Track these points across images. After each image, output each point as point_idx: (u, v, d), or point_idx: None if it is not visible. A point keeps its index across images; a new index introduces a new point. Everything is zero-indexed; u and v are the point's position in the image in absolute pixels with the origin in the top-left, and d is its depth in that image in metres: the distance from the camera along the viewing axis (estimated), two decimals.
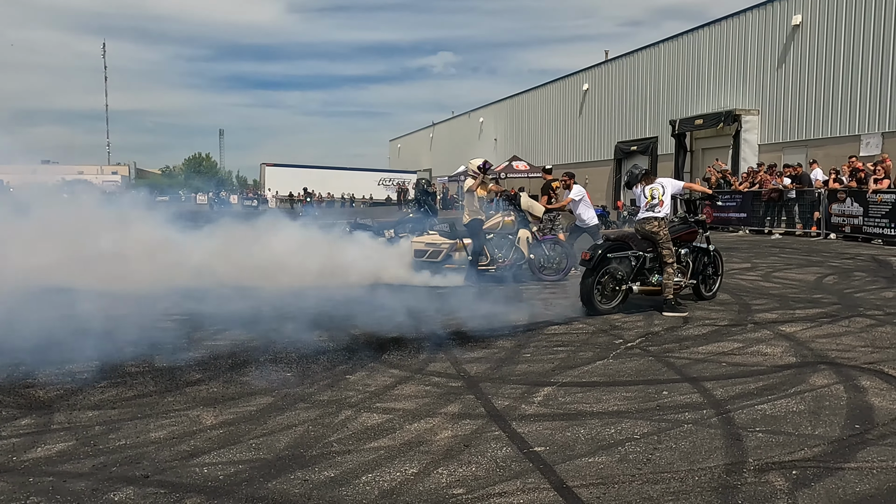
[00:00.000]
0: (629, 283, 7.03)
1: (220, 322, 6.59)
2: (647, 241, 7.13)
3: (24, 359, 5.18)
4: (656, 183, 7.26)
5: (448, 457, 3.37)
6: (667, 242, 7.05)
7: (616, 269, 7.00)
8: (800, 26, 20.79)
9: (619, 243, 7.17)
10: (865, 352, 5.30)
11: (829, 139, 19.77)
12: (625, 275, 7.03)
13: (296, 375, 4.84)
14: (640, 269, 7.10)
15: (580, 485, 3.03)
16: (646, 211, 7.19)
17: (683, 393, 4.34)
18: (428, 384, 4.62)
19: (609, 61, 32.27)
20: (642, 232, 7.15)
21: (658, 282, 7.10)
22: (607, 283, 6.99)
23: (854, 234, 15.00)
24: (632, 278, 7.05)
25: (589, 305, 6.92)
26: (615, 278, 7.02)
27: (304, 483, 3.09)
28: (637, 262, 7.07)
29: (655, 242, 7.07)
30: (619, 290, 7.04)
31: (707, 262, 7.67)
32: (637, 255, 7.07)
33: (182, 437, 3.68)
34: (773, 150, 21.63)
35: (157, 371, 4.96)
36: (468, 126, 48.58)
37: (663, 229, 7.06)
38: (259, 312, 6.89)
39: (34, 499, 2.95)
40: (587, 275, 6.92)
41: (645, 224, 7.13)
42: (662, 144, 26.90)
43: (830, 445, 3.45)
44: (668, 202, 7.17)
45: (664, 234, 7.05)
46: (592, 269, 6.87)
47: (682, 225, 7.50)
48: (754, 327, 6.27)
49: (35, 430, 3.80)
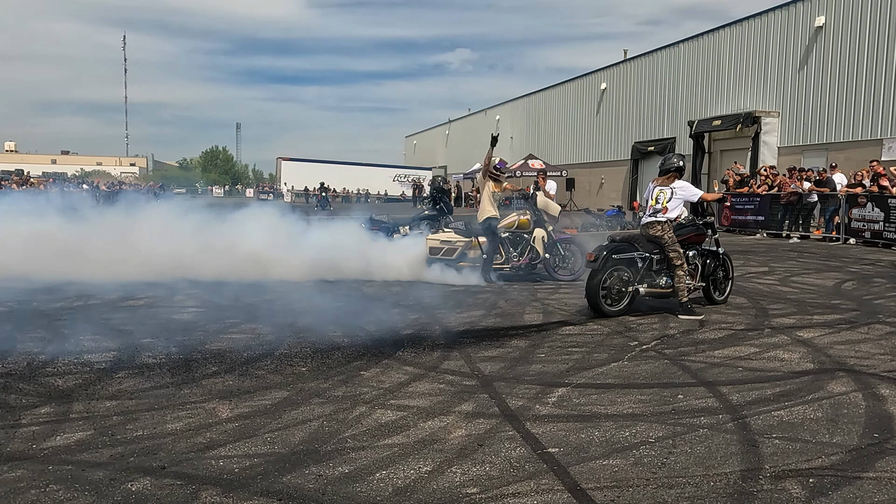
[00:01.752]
0: (636, 285, 6.92)
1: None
2: (653, 243, 7.02)
3: (44, 348, 5.26)
4: (670, 187, 7.04)
5: (462, 456, 3.37)
6: (673, 245, 6.92)
7: (622, 270, 6.90)
8: (823, 28, 20.54)
9: (625, 244, 7.03)
10: (885, 359, 5.23)
11: (850, 143, 19.53)
12: (631, 276, 6.92)
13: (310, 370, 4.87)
14: (646, 270, 6.99)
15: (594, 487, 3.02)
16: (649, 215, 7.08)
17: (699, 397, 4.31)
18: (442, 382, 4.62)
19: (628, 60, 32.08)
20: (647, 235, 7.05)
21: (666, 284, 6.99)
22: (613, 285, 6.87)
23: (874, 240, 14.81)
24: (638, 280, 6.95)
25: (595, 307, 6.80)
26: (621, 280, 6.89)
27: (318, 478, 3.11)
28: (643, 264, 6.94)
29: (661, 245, 6.96)
30: (626, 291, 6.91)
31: (716, 265, 7.50)
32: (643, 257, 6.94)
33: (198, 429, 3.71)
34: (792, 152, 21.40)
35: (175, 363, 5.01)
36: (484, 123, 48.52)
37: (667, 232, 6.94)
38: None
39: (53, 487, 2.99)
40: (592, 276, 6.81)
41: (649, 228, 7.03)
42: (680, 145, 26.71)
43: (848, 454, 3.41)
44: (673, 209, 7.00)
45: (669, 237, 6.93)
46: (598, 271, 6.77)
47: (690, 227, 7.31)
48: (771, 332, 6.21)
49: (54, 419, 3.86)
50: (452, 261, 9.45)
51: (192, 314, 6.97)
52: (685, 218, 7.43)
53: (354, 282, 9.16)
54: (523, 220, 9.58)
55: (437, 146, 59.28)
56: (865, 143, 18.93)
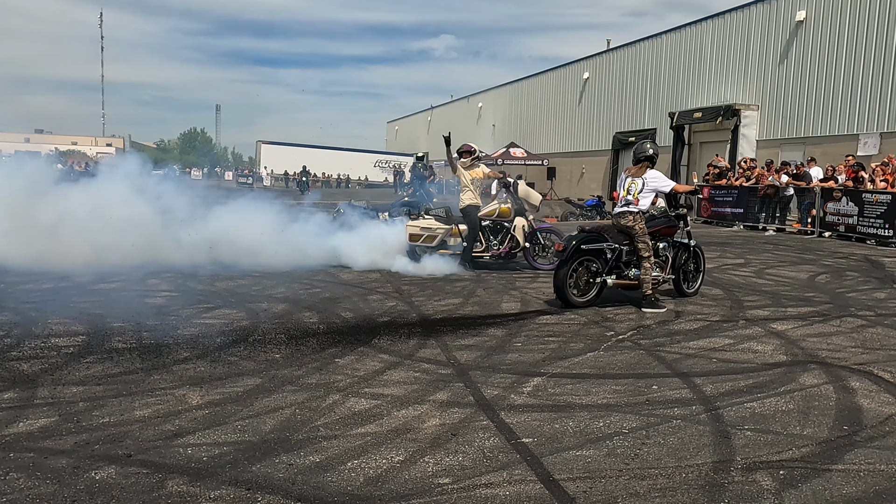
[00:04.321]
0: (604, 276, 6.90)
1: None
2: (623, 234, 6.97)
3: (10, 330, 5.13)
4: (642, 178, 6.95)
5: (435, 445, 3.34)
6: (643, 236, 6.87)
7: (591, 261, 6.86)
8: (803, 22, 20.68)
9: (595, 235, 6.99)
10: (856, 352, 5.30)
11: (828, 137, 19.74)
12: (600, 267, 6.89)
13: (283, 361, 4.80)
14: (615, 261, 6.94)
15: (567, 478, 3.01)
16: (621, 206, 7.04)
17: (673, 388, 4.33)
18: (418, 370, 4.58)
19: (611, 50, 32.07)
20: (618, 226, 7.01)
21: (634, 276, 6.94)
22: (581, 275, 6.84)
23: (848, 234, 15.02)
24: (607, 271, 6.91)
25: (562, 297, 6.77)
26: (589, 270, 6.87)
27: (288, 467, 3.06)
28: (612, 255, 6.90)
29: (631, 236, 6.93)
30: (594, 282, 6.88)
31: (687, 257, 7.48)
32: (612, 248, 6.89)
33: (167, 416, 3.64)
34: (771, 146, 21.60)
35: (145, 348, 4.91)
36: (467, 111, 48.33)
37: (639, 223, 6.88)
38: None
39: (14, 475, 2.91)
40: (560, 266, 6.81)
41: (620, 218, 6.97)
42: (661, 136, 26.81)
43: (818, 446, 3.44)
44: (644, 200, 6.94)
45: (640, 228, 6.88)
46: (566, 261, 6.75)
47: (662, 218, 7.29)
48: (746, 324, 6.27)
49: (17, 405, 3.76)
50: (432, 248, 9.40)
51: (165, 298, 6.85)
52: (657, 209, 7.41)
53: (332, 269, 9.08)
54: (504, 208, 9.55)
55: (419, 132, 58.97)
56: (842, 138, 19.15)
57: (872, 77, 18.38)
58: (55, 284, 7.49)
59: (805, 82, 20.65)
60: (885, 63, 17.99)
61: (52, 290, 7.21)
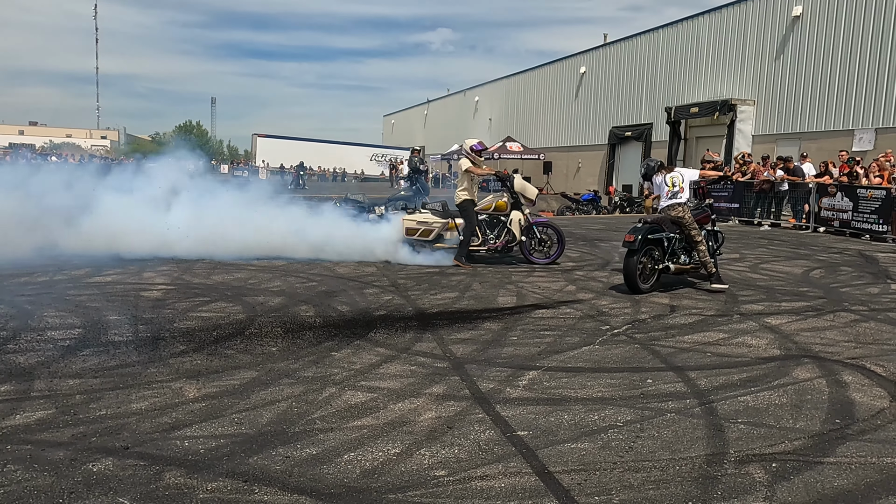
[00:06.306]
0: (665, 263, 7.53)
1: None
2: (675, 224, 7.64)
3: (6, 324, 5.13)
4: (675, 172, 7.81)
5: (431, 438, 3.36)
6: (693, 224, 7.61)
7: (653, 250, 7.49)
8: (800, 18, 20.69)
9: (656, 226, 7.58)
10: (849, 347, 5.34)
11: (823, 132, 19.79)
12: (660, 255, 7.54)
13: None
14: (671, 249, 7.62)
15: (562, 471, 3.04)
16: (668, 199, 7.73)
17: (668, 382, 4.36)
18: (414, 364, 4.60)
19: (607, 45, 32.02)
20: (669, 217, 7.65)
21: (684, 261, 7.70)
22: (646, 264, 7.42)
23: (842, 229, 15.07)
24: (667, 258, 7.57)
25: (632, 285, 7.30)
26: (653, 258, 7.49)
27: (285, 460, 3.07)
28: (669, 244, 7.60)
29: (682, 226, 7.62)
30: (656, 269, 7.50)
31: (715, 243, 8.25)
32: (669, 237, 7.58)
33: (164, 408, 3.65)
34: (766, 141, 21.63)
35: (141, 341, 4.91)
36: (463, 105, 48.23)
37: (687, 213, 7.63)
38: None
39: (11, 467, 2.92)
40: (630, 255, 7.30)
41: (670, 210, 7.66)
42: (657, 131, 26.84)
43: (811, 439, 3.47)
44: (687, 188, 7.75)
45: (689, 218, 7.61)
46: (636, 250, 7.27)
47: (699, 210, 8.04)
48: (740, 318, 6.30)
49: (15, 397, 3.76)
50: (428, 242, 9.41)
51: (162, 291, 6.85)
52: (693, 201, 8.14)
53: (329, 262, 9.08)
54: (500, 202, 9.55)
55: (415, 126, 58.85)
56: (837, 133, 19.19)
57: (868, 73, 18.42)
58: (50, 277, 7.47)
59: (801, 78, 20.67)
60: (881, 59, 18.03)
61: (48, 282, 7.20)
